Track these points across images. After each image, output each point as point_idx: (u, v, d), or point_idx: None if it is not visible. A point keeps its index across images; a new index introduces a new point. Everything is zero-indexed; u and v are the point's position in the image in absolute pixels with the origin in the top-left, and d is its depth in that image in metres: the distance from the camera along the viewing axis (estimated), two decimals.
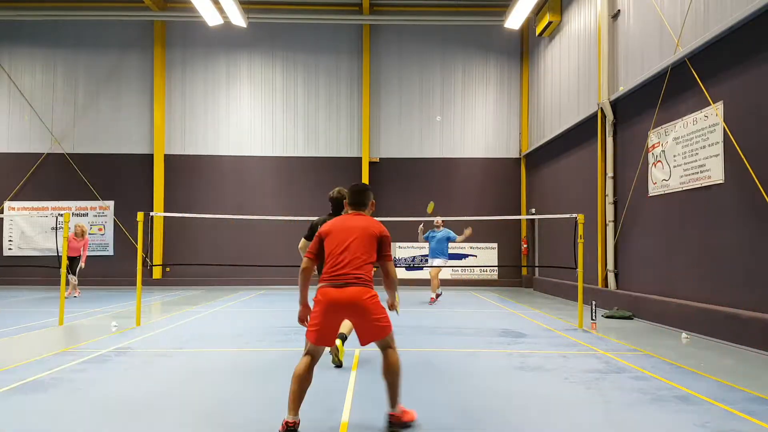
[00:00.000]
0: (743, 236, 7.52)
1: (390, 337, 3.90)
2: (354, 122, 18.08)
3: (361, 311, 3.78)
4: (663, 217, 9.62)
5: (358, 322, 3.85)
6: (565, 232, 12.51)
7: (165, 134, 17.79)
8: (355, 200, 4.17)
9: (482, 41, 18.12)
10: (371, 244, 3.92)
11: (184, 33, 17.92)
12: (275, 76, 18.08)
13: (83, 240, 13.57)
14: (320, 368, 5.68)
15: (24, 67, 17.87)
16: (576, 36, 13.81)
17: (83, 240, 13.57)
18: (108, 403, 4.44)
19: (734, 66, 7.81)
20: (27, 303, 12.41)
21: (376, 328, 3.83)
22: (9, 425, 3.95)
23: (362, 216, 4.09)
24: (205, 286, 17.07)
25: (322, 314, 3.77)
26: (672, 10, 9.35)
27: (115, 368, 5.73)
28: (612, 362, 6.13)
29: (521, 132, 18.17)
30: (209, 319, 9.75)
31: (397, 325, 8.91)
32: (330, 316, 3.79)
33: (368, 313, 3.79)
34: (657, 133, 9.80)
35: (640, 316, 9.89)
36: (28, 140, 17.75)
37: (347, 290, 3.76)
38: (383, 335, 3.86)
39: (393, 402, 3.89)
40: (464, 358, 6.38)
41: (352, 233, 3.91)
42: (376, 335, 3.85)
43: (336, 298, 3.75)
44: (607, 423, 4.11)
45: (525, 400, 4.65)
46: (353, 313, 3.81)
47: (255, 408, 4.42)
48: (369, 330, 3.84)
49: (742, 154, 7.50)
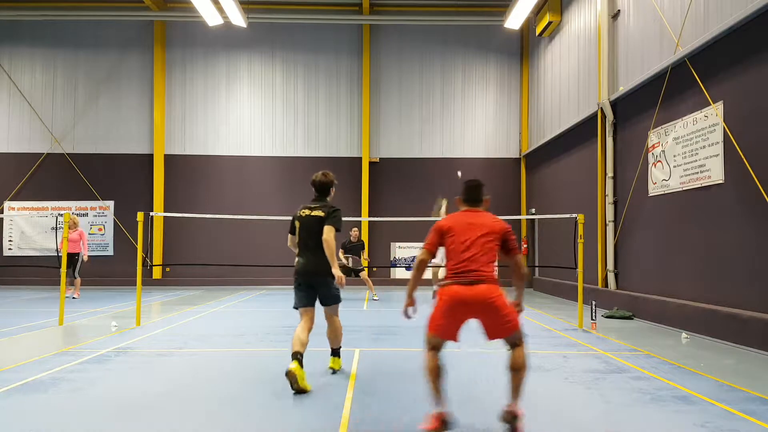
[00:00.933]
0: (743, 236, 7.52)
1: (519, 333, 3.91)
2: (354, 122, 18.08)
3: (492, 309, 3.78)
4: (663, 217, 9.62)
5: (487, 320, 3.85)
6: (565, 232, 12.50)
7: (165, 134, 17.79)
8: (472, 196, 4.11)
9: (482, 41, 18.12)
10: (496, 240, 3.91)
11: (184, 33, 17.92)
12: (275, 76, 18.08)
13: (77, 231, 12.99)
14: (318, 375, 5.69)
15: (24, 67, 17.87)
16: (576, 36, 13.81)
17: (77, 231, 12.99)
18: (108, 403, 4.44)
19: (734, 66, 7.81)
20: (27, 303, 12.41)
21: (507, 325, 3.84)
22: (9, 425, 3.95)
23: (483, 213, 4.05)
24: (205, 286, 17.07)
25: (450, 311, 3.79)
26: (672, 10, 9.35)
27: (115, 368, 5.73)
28: (612, 362, 6.13)
29: (521, 132, 18.17)
30: (209, 319, 9.75)
31: (397, 325, 8.95)
32: (458, 313, 3.80)
33: (499, 311, 3.79)
34: (657, 133, 9.80)
35: (640, 316, 9.88)
36: (28, 140, 17.75)
37: (477, 288, 3.76)
38: (513, 332, 3.87)
39: (515, 396, 3.90)
40: (464, 358, 6.38)
41: (477, 230, 3.87)
42: (506, 332, 3.87)
43: (466, 296, 3.75)
44: (607, 423, 4.10)
45: (525, 400, 4.64)
46: (482, 311, 3.81)
47: (255, 408, 4.41)
48: (499, 328, 3.85)
49: (742, 154, 7.50)
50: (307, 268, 5.17)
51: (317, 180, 5.44)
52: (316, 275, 5.16)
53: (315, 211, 5.23)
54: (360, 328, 8.66)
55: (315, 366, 5.86)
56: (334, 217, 5.17)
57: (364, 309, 11.45)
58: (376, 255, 17.70)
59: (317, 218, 5.16)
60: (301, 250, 5.26)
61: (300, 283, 5.23)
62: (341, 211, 5.28)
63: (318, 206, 5.27)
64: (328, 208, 5.23)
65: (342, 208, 5.46)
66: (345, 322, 9.52)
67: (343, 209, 5.46)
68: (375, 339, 7.64)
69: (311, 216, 5.21)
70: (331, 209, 5.22)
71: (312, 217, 5.21)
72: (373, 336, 7.88)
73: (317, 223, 5.14)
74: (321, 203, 5.32)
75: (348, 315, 10.40)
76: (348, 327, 8.67)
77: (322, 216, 5.15)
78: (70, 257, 12.63)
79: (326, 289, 5.24)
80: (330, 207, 5.26)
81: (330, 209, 5.22)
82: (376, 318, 9.99)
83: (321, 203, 5.32)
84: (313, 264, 5.15)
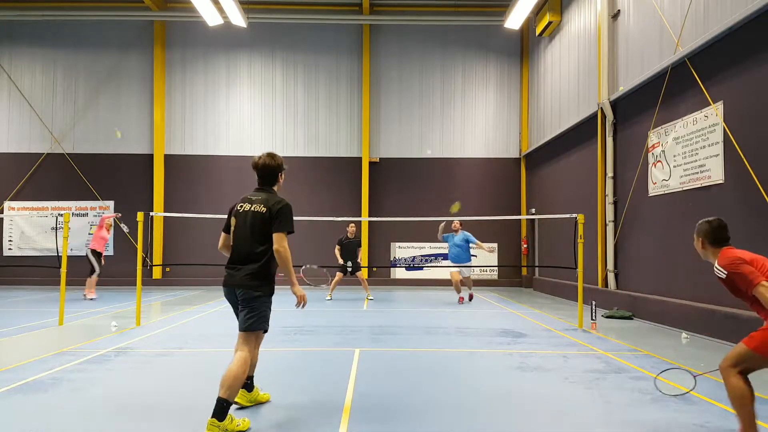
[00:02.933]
0: (743, 236, 7.51)
1: None
2: (354, 122, 18.08)
3: None
4: (663, 217, 9.62)
5: None
6: (565, 232, 12.50)
7: (165, 134, 17.79)
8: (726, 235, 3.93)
9: (482, 41, 18.12)
10: None
11: (184, 33, 17.92)
12: (275, 76, 18.08)
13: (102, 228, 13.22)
14: (319, 375, 5.67)
15: (24, 67, 17.87)
16: (576, 36, 13.81)
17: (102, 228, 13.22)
18: (108, 403, 4.44)
19: (734, 66, 7.81)
20: (27, 303, 12.41)
21: None
22: (9, 425, 3.95)
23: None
24: (205, 286, 17.06)
25: None
26: (672, 10, 9.35)
27: (115, 368, 5.73)
28: (612, 362, 6.13)
29: (521, 132, 18.17)
30: (209, 319, 9.75)
31: (396, 325, 8.95)
32: None
33: None
34: (657, 133, 9.80)
35: (640, 316, 9.89)
36: (28, 140, 17.75)
37: None
38: None
39: None
40: (464, 358, 6.38)
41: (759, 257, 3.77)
42: None
43: None
44: (607, 423, 4.10)
45: (525, 400, 4.65)
46: None
47: (255, 408, 4.41)
48: None
49: (742, 154, 7.50)
50: (233, 278, 4.06)
51: (260, 163, 4.24)
52: (239, 287, 4.03)
53: (255, 205, 4.08)
54: (360, 328, 8.66)
55: (316, 366, 5.87)
56: (281, 221, 4.00)
57: (364, 309, 11.45)
58: (376, 255, 17.70)
59: (258, 215, 4.03)
60: (231, 253, 4.18)
61: (225, 296, 4.20)
62: (290, 206, 4.10)
63: (260, 199, 4.10)
64: (274, 203, 4.04)
65: (342, 208, 5.25)
66: (345, 322, 9.63)
67: (343, 209, 5.24)
68: (375, 339, 7.64)
69: (251, 212, 4.07)
70: (277, 205, 4.03)
71: (251, 213, 4.06)
72: (373, 336, 7.88)
73: (258, 221, 4.03)
74: (264, 194, 4.16)
75: (348, 315, 10.41)
76: (348, 327, 8.70)
77: (263, 212, 4.02)
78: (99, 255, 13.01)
79: (246, 309, 4.03)
80: (276, 201, 4.07)
81: (276, 205, 4.03)
82: (376, 318, 9.99)
83: (264, 194, 4.16)
84: (239, 273, 4.04)
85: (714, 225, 3.90)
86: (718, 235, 3.87)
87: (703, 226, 3.92)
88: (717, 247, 3.86)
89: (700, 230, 3.94)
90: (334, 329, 8.46)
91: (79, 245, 16.96)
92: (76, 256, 15.65)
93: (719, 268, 3.70)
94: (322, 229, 15.74)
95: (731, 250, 3.78)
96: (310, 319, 9.66)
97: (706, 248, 3.91)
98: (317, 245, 16.19)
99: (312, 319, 9.68)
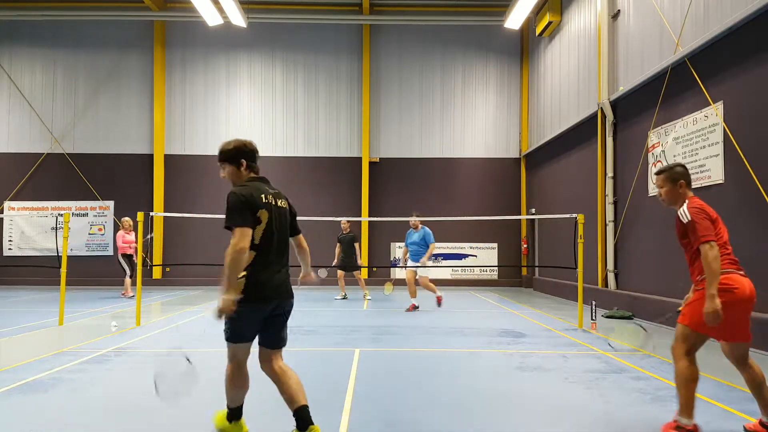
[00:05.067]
0: (743, 236, 7.51)
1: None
2: (354, 122, 18.08)
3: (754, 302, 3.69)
4: (663, 217, 9.62)
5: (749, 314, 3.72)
6: (565, 232, 12.50)
7: (165, 134, 17.79)
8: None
9: (482, 41, 18.12)
10: None
11: (184, 33, 17.92)
12: (275, 76, 18.08)
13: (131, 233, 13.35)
14: (318, 375, 5.67)
15: (24, 67, 17.86)
16: (576, 36, 13.81)
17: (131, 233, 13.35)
18: (108, 403, 4.44)
19: (734, 66, 7.81)
20: (27, 303, 12.41)
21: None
22: (9, 425, 3.94)
23: None
24: (205, 286, 17.06)
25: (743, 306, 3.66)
26: (672, 11, 9.35)
27: (115, 368, 5.73)
28: (612, 362, 6.13)
29: (521, 132, 18.17)
30: (209, 319, 9.75)
31: (396, 325, 8.95)
32: (747, 308, 3.67)
33: None
34: (657, 133, 9.80)
35: (640, 316, 9.88)
36: (28, 140, 17.75)
37: (748, 279, 3.70)
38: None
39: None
40: (464, 358, 6.38)
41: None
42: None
43: (751, 288, 3.68)
44: (607, 423, 4.10)
45: (525, 400, 4.65)
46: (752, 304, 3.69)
47: (254, 408, 4.41)
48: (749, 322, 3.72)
49: (742, 154, 7.50)
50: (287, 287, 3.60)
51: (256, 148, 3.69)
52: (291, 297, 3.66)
53: (281, 201, 3.63)
54: (360, 328, 8.66)
55: (316, 366, 5.87)
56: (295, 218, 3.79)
57: (364, 309, 11.45)
58: (377, 255, 17.70)
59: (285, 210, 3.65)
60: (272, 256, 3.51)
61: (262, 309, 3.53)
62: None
63: (278, 192, 3.67)
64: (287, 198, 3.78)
65: (342, 208, 5.13)
66: (345, 322, 9.64)
67: (343, 209, 5.14)
68: (375, 339, 7.64)
69: (282, 208, 3.62)
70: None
71: (283, 209, 3.63)
72: (373, 336, 7.88)
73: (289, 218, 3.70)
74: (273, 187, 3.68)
75: (348, 315, 10.40)
76: (348, 327, 8.70)
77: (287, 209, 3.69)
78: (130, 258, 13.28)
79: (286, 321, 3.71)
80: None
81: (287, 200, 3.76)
82: (376, 318, 9.99)
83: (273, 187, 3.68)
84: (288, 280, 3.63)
85: (686, 168, 3.98)
86: (690, 178, 3.96)
87: (679, 169, 3.94)
88: (686, 189, 3.92)
89: (677, 173, 3.92)
90: (334, 329, 8.46)
91: (79, 245, 16.97)
92: (76, 256, 15.67)
93: (685, 211, 3.74)
94: (322, 230, 15.75)
95: (698, 200, 3.87)
96: (310, 319, 9.66)
97: (684, 190, 3.90)
98: (317, 245, 16.16)
99: (312, 319, 9.68)
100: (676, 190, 3.90)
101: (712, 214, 3.72)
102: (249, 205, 3.40)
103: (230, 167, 3.59)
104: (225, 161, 3.60)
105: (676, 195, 3.91)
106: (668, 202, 3.96)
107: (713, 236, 3.58)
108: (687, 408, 3.63)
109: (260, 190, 3.51)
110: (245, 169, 3.61)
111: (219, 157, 3.62)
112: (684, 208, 3.77)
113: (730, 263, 3.69)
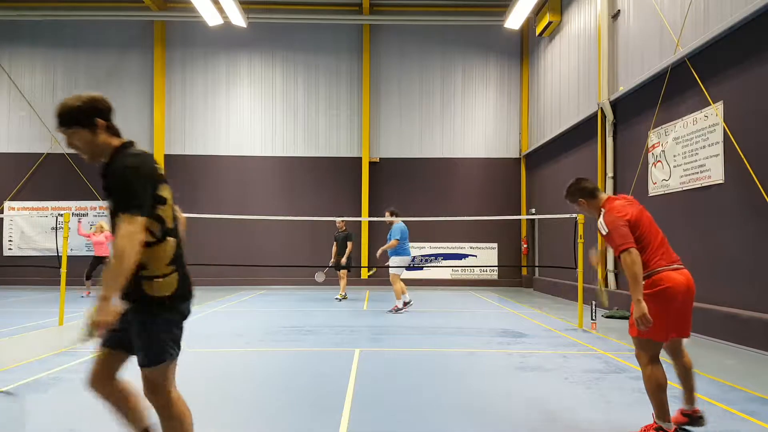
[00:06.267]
0: (743, 236, 7.52)
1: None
2: (354, 122, 18.08)
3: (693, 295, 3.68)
4: (663, 217, 9.60)
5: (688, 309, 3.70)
6: (565, 232, 12.50)
7: (165, 134, 17.80)
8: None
9: (482, 41, 18.12)
10: None
11: (184, 33, 17.92)
12: (275, 76, 18.09)
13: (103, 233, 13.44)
14: (318, 375, 5.67)
15: (24, 67, 17.87)
16: (576, 36, 13.81)
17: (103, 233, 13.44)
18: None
19: (734, 66, 7.81)
20: (27, 303, 12.41)
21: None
22: (9, 425, 3.94)
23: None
24: (205, 286, 17.06)
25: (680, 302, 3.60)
26: (672, 10, 9.35)
27: None
28: (612, 362, 6.13)
29: (521, 132, 18.17)
30: (209, 319, 9.75)
31: (396, 325, 8.95)
32: (685, 303, 3.63)
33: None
34: (657, 133, 9.80)
35: None
36: (28, 140, 17.75)
37: (685, 272, 3.64)
38: None
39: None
40: (464, 358, 6.38)
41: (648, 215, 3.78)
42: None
43: (686, 283, 3.61)
44: (607, 423, 4.10)
45: (525, 400, 4.65)
46: (691, 298, 3.67)
47: (254, 408, 4.42)
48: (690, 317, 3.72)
49: (742, 154, 7.50)
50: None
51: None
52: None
53: None
54: (360, 328, 8.66)
55: (316, 366, 5.86)
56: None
57: (364, 309, 11.45)
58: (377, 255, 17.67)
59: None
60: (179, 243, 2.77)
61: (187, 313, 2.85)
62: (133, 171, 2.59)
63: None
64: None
65: (342, 208, 5.07)
66: (345, 322, 9.65)
67: (343, 209, 5.08)
68: (375, 339, 7.64)
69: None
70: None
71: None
72: (373, 336, 7.88)
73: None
74: None
75: (348, 315, 10.40)
76: (348, 327, 8.70)
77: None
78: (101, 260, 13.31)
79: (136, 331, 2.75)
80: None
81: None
82: (376, 318, 9.99)
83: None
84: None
85: (581, 182, 3.96)
86: (589, 187, 3.92)
87: (573, 188, 3.97)
88: (594, 199, 3.89)
89: (575, 193, 3.95)
90: (334, 329, 8.46)
91: (79, 245, 16.96)
92: (76, 256, 15.66)
93: (602, 224, 3.71)
94: (322, 230, 15.76)
95: (614, 204, 3.78)
96: (310, 319, 9.66)
97: (589, 205, 3.91)
98: (317, 245, 16.21)
99: (312, 319, 9.68)
100: (584, 207, 3.95)
101: (632, 216, 3.68)
102: (151, 182, 2.53)
103: (83, 132, 2.67)
104: (74, 124, 2.69)
105: (587, 209, 3.96)
106: (591, 215, 4.00)
107: (631, 242, 3.55)
108: (662, 413, 3.64)
109: (152, 158, 2.63)
110: (104, 131, 2.67)
111: (60, 120, 2.69)
112: (600, 220, 3.75)
113: (663, 260, 3.63)
